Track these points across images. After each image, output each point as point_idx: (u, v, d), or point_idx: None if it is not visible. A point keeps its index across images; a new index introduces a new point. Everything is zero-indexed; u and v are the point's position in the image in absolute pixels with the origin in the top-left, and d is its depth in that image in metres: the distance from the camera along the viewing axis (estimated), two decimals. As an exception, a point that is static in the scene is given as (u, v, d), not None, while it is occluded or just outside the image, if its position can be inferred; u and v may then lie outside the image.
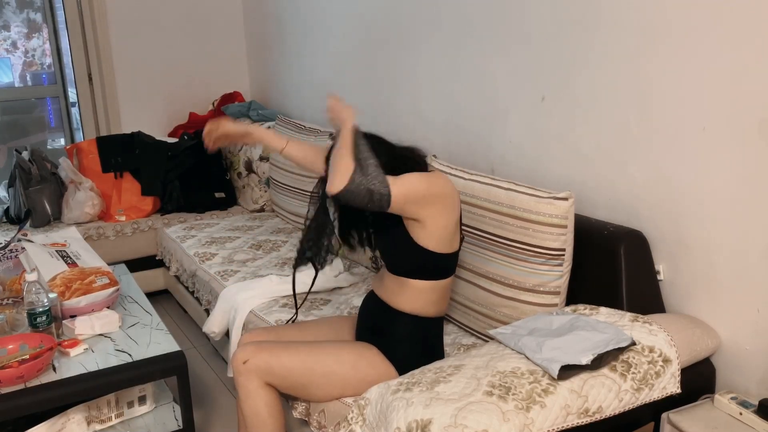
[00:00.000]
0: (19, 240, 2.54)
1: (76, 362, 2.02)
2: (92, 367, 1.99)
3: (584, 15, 2.03)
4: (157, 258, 3.55)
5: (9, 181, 3.56)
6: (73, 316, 2.22)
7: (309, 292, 2.23)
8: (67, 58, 4.10)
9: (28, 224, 3.39)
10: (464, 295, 2.14)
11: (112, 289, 2.29)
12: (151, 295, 3.40)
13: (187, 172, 3.71)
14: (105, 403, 2.07)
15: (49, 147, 4.36)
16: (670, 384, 1.59)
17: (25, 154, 3.50)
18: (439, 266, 1.82)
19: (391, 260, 1.87)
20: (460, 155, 2.64)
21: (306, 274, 2.62)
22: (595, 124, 2.06)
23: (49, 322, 2.07)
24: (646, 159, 1.92)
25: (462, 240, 1.89)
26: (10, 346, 2.00)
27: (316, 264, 1.96)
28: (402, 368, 1.82)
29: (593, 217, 2.08)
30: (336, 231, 1.94)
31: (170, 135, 4.18)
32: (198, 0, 4.25)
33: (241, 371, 1.81)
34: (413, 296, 1.84)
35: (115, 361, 2.03)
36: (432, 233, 1.76)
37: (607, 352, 1.53)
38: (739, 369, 1.77)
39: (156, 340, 2.16)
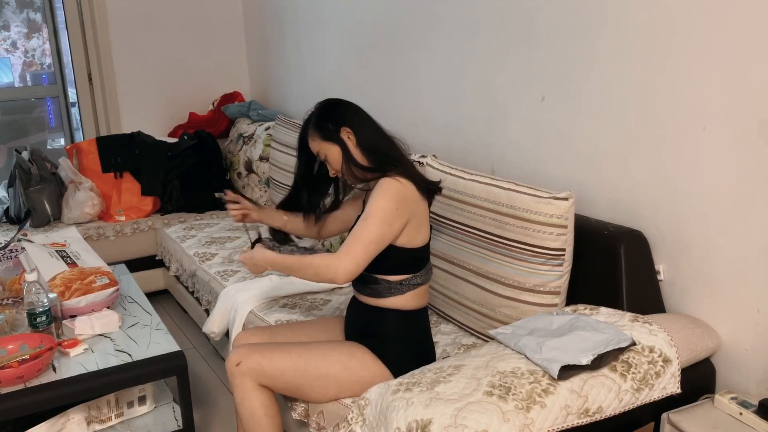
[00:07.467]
0: (19, 240, 2.54)
1: (76, 362, 2.02)
2: (92, 367, 1.99)
3: (585, 15, 2.03)
4: (157, 258, 3.55)
5: (9, 181, 3.56)
6: (73, 316, 2.22)
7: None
8: (67, 58, 4.10)
9: (28, 224, 3.39)
10: (464, 295, 2.14)
11: (112, 289, 2.29)
12: (151, 295, 3.40)
13: (187, 172, 3.71)
14: (105, 403, 2.07)
15: (49, 147, 4.36)
16: (670, 384, 1.58)
17: (25, 154, 3.49)
18: (412, 259, 1.85)
19: None
20: (460, 155, 2.64)
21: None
22: (595, 123, 2.06)
23: (49, 322, 2.07)
24: (646, 159, 1.92)
25: (431, 229, 1.93)
26: (10, 346, 2.00)
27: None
28: (394, 367, 1.83)
29: (593, 217, 2.08)
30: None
31: (170, 135, 4.18)
32: (198, 0, 4.25)
33: (234, 373, 1.82)
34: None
35: (115, 361, 2.03)
36: (403, 232, 1.81)
37: (607, 352, 1.53)
38: (739, 369, 1.77)
39: (156, 340, 2.16)
